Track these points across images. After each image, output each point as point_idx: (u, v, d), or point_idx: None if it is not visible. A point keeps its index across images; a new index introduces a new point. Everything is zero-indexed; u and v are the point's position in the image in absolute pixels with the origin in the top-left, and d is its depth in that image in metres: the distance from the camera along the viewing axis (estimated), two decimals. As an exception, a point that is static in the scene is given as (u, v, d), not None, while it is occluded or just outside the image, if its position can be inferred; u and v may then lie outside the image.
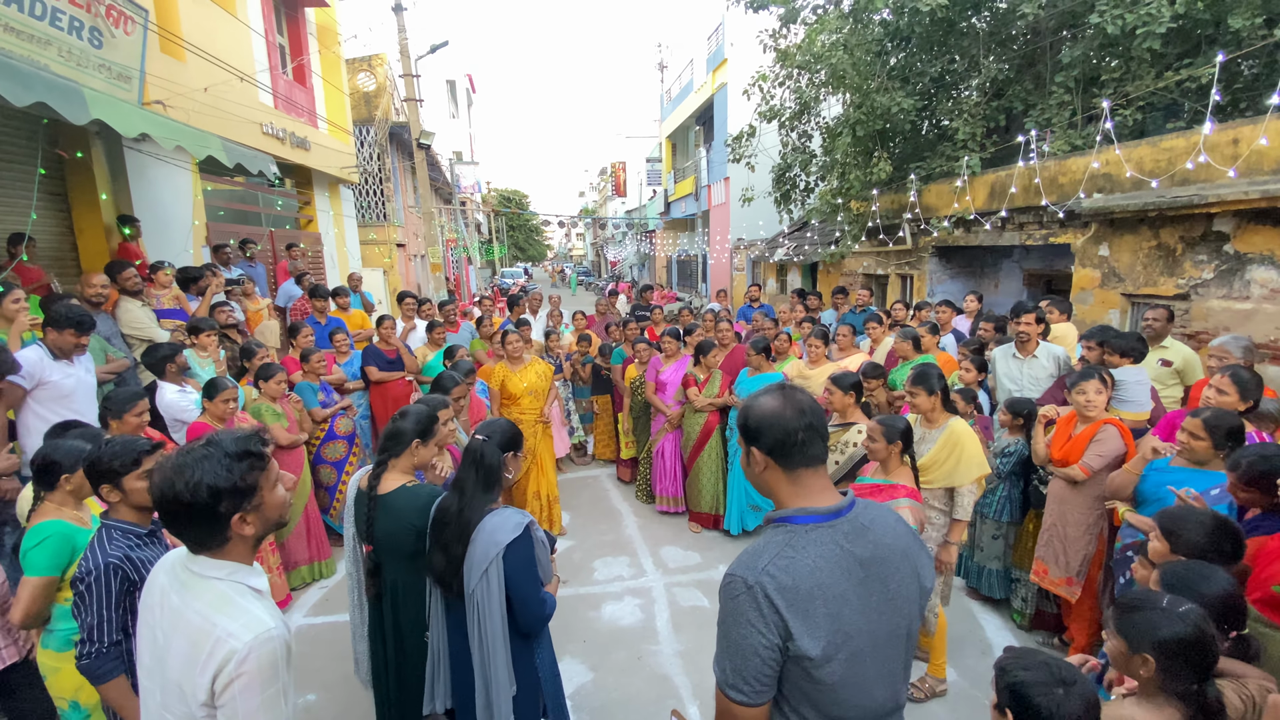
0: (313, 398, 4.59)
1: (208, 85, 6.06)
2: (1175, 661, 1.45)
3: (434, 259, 14.39)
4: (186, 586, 1.37)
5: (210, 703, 1.30)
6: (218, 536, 1.36)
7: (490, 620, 2.01)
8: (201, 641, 1.30)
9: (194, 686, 1.31)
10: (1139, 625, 1.50)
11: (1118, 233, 5.78)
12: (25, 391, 3.25)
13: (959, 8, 7.83)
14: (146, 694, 1.43)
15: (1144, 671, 1.49)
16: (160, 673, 1.38)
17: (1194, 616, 1.47)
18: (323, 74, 10.09)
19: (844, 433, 3.57)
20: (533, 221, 52.04)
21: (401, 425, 2.34)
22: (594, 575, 4.48)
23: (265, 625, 1.32)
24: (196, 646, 1.31)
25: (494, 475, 2.13)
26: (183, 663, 1.32)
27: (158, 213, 5.83)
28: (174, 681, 1.34)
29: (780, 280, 15.54)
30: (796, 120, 9.93)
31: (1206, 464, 2.58)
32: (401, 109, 13.76)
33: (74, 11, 4.40)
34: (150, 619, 1.42)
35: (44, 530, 2.20)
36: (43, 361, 3.31)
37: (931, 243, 8.73)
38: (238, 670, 1.27)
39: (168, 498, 1.30)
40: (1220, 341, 3.58)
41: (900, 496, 2.74)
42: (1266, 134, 4.51)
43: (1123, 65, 6.55)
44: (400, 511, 2.23)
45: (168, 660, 1.36)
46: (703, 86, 19.81)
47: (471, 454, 2.13)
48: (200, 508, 1.31)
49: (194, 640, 1.31)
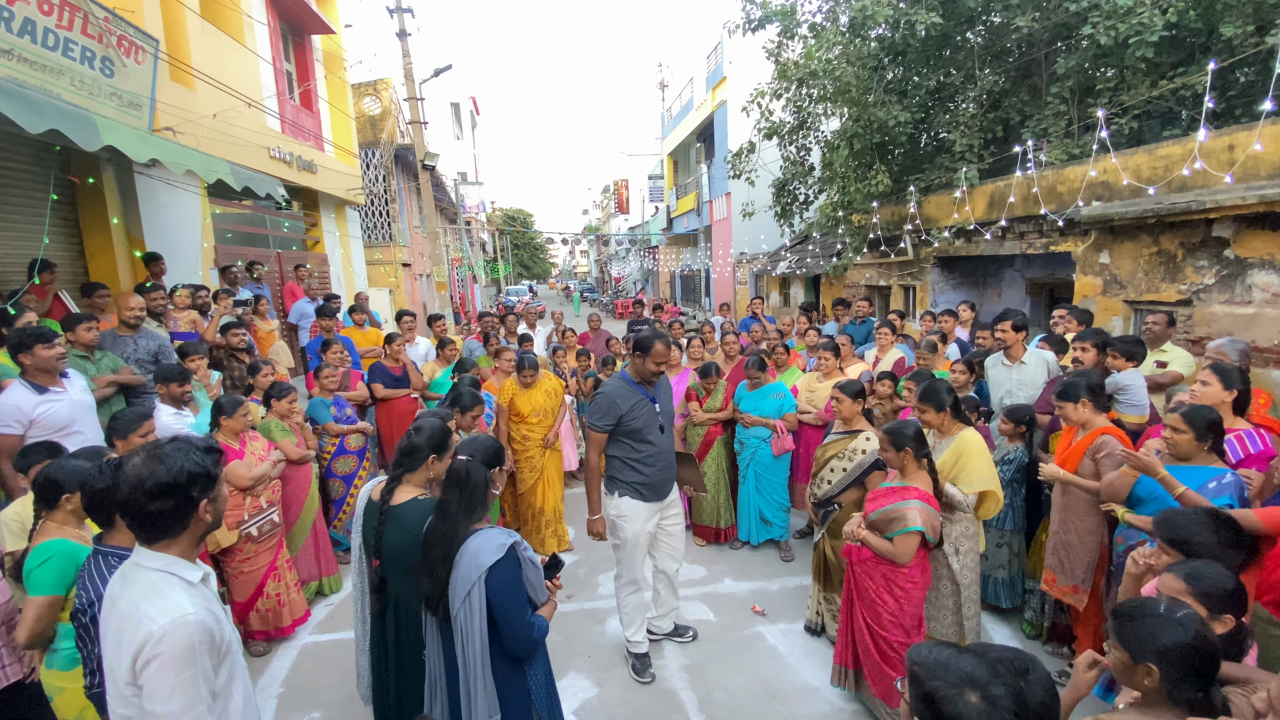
0: (325, 412, 4.64)
1: (217, 112, 6.19)
2: (1179, 669, 1.43)
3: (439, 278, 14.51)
4: (127, 579, 1.49)
5: (133, 681, 1.41)
6: (177, 525, 1.49)
7: (470, 645, 1.97)
8: (127, 625, 1.42)
9: (120, 668, 1.42)
10: (1140, 634, 1.48)
11: (1118, 240, 5.79)
12: (19, 438, 3.08)
13: (954, 23, 7.93)
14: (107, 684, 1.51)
15: (1148, 681, 1.46)
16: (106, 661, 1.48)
17: (1193, 621, 1.45)
18: (329, 99, 10.28)
19: (851, 440, 3.57)
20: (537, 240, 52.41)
21: (417, 441, 2.31)
22: (599, 590, 4.46)
23: (183, 611, 1.41)
24: (123, 630, 1.42)
25: (479, 495, 2.09)
26: (113, 647, 1.44)
27: (168, 236, 5.93)
28: (109, 666, 1.46)
29: (783, 293, 15.57)
30: (795, 135, 10.03)
31: (1192, 458, 2.60)
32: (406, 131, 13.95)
33: (86, 42, 4.53)
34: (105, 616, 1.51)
35: (48, 549, 2.21)
36: (24, 401, 3.12)
37: (933, 253, 8.76)
38: (154, 651, 1.37)
39: (146, 484, 1.42)
40: (1217, 344, 3.63)
41: (911, 499, 2.74)
42: (1261, 139, 4.54)
43: (1117, 75, 6.61)
44: (409, 523, 2.22)
45: (107, 648, 1.47)
46: (703, 104, 20.04)
47: (455, 474, 2.09)
48: (177, 490, 1.44)
49: (122, 625, 1.43)
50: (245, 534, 3.59)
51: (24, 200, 4.85)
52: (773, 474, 4.72)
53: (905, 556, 2.72)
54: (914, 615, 2.84)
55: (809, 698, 3.27)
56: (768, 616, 4.02)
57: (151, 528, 1.47)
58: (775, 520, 4.80)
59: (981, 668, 1.19)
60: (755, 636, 3.83)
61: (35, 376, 3.22)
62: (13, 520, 2.52)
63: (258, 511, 3.65)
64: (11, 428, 3.09)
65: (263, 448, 3.77)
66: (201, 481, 1.49)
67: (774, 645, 3.72)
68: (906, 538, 2.71)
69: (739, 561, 4.79)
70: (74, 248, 5.38)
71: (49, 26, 4.24)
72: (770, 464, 4.69)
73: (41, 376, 3.23)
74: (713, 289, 21.21)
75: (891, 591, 2.82)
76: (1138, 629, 1.49)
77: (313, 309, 6.95)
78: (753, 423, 4.67)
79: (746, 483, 4.83)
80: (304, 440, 4.25)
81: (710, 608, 4.15)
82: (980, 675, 1.17)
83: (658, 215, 29.66)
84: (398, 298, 13.38)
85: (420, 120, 12.64)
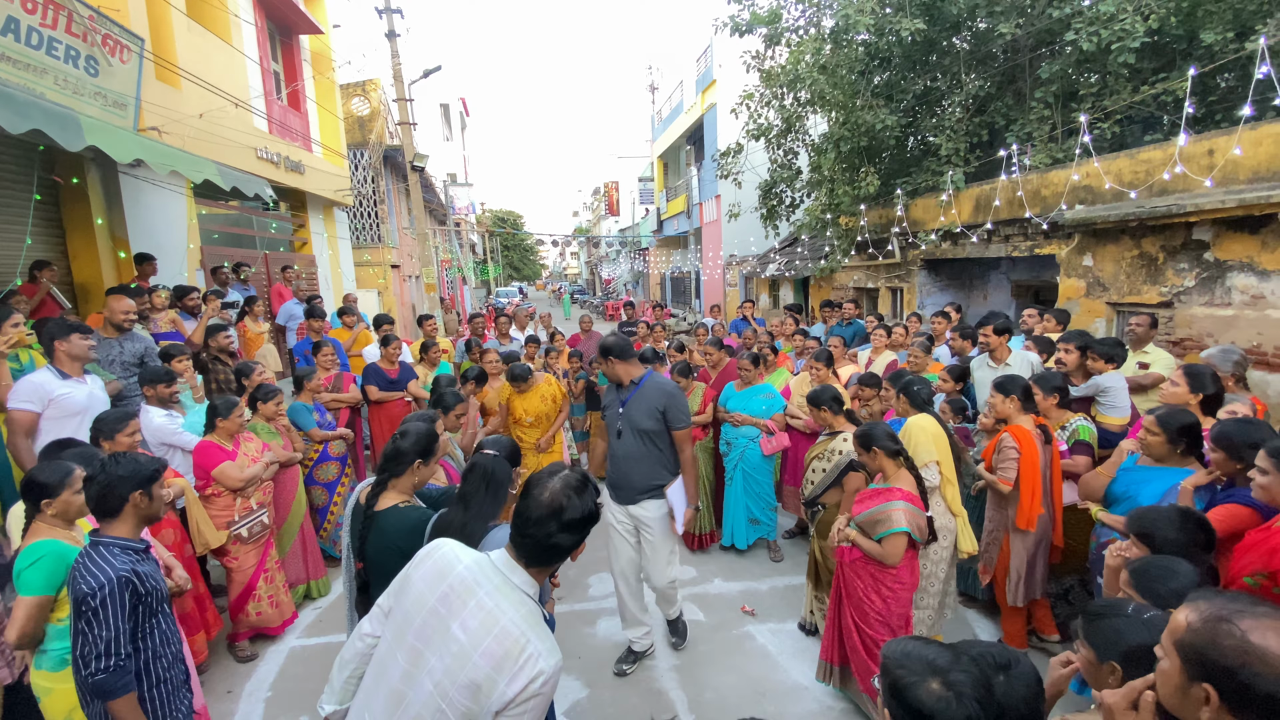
0: (308, 417, 4.60)
1: (203, 111, 6.14)
2: (1143, 670, 1.41)
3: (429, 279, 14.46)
4: (502, 591, 1.44)
5: (503, 710, 1.37)
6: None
7: None
8: (513, 651, 1.37)
9: (495, 690, 1.36)
10: (1106, 634, 1.48)
11: (1101, 243, 5.88)
12: (36, 415, 3.23)
13: (939, 29, 8.02)
14: (406, 679, 1.44)
15: (1113, 681, 1.46)
16: (442, 660, 1.40)
17: (1160, 624, 1.42)
18: (317, 99, 10.22)
19: (830, 441, 3.61)
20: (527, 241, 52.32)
21: (402, 445, 2.30)
22: (589, 591, 4.46)
23: (558, 657, 1.42)
24: (508, 655, 1.37)
25: (502, 491, 2.15)
26: (491, 663, 1.37)
27: (153, 237, 5.88)
28: (470, 679, 1.37)
29: (773, 295, 15.65)
30: (783, 138, 10.09)
31: (1164, 460, 2.66)
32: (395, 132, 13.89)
33: (70, 41, 4.48)
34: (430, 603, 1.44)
35: (39, 550, 2.20)
36: (48, 382, 3.28)
37: (920, 256, 8.84)
38: (539, 690, 1.36)
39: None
40: (1208, 354, 3.55)
41: (895, 499, 2.77)
42: (1241, 144, 4.62)
43: (1100, 80, 6.72)
44: (388, 532, 2.21)
45: (462, 652, 1.39)
46: (693, 107, 20.11)
47: (482, 469, 2.14)
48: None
49: (506, 648, 1.38)
50: (235, 534, 3.57)
51: (7, 200, 4.79)
52: (761, 473, 4.73)
53: (893, 557, 2.75)
54: (901, 615, 2.86)
55: (798, 696, 3.29)
56: (757, 616, 4.04)
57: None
58: (764, 519, 4.81)
59: (945, 657, 1.20)
60: (745, 636, 3.84)
61: (62, 364, 3.38)
62: (24, 517, 2.51)
63: (248, 512, 3.63)
64: (32, 404, 3.22)
65: (256, 448, 3.75)
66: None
67: (764, 645, 3.74)
68: (893, 539, 2.73)
69: (729, 562, 4.81)
70: (58, 248, 5.32)
71: (33, 25, 4.20)
72: (759, 463, 4.71)
73: (69, 365, 3.39)
74: (703, 291, 21.27)
75: (879, 591, 2.84)
76: (1104, 628, 1.49)
77: (301, 310, 6.91)
78: (742, 422, 4.68)
79: (734, 483, 4.82)
80: (290, 443, 4.22)
81: (700, 608, 4.17)
82: (942, 663, 1.18)
83: (648, 217, 29.70)
84: (386, 299, 13.32)
85: (409, 121, 12.59)
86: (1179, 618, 1.21)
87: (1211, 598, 1.20)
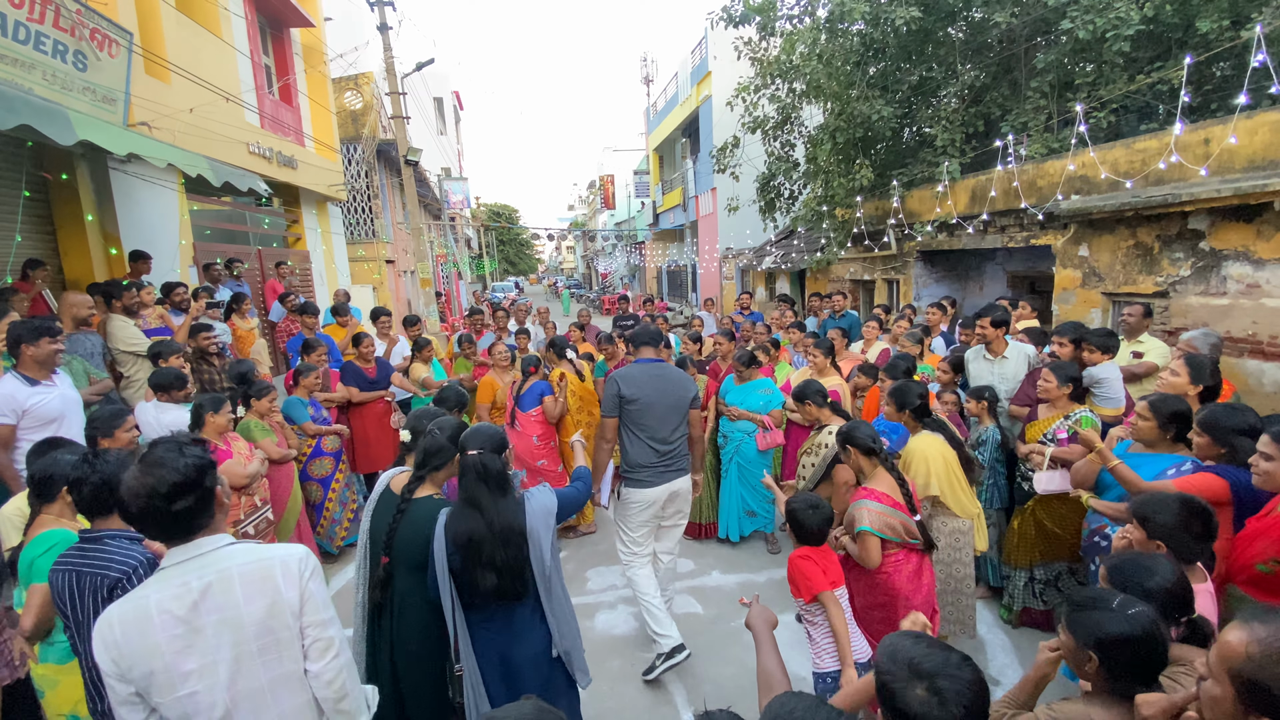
0: (303, 412, 4.58)
1: (193, 106, 6.09)
2: (1117, 661, 1.44)
3: (424, 275, 14.39)
4: (210, 567, 1.49)
5: (300, 610, 1.52)
6: (206, 513, 1.53)
7: (556, 585, 2.28)
8: (269, 573, 1.51)
9: (288, 606, 1.51)
10: (1086, 623, 1.49)
11: (1096, 233, 5.88)
12: (13, 427, 3.14)
13: (934, 18, 7.98)
14: (221, 695, 1.48)
15: (1088, 668, 1.48)
16: (236, 651, 1.48)
17: (1142, 619, 1.44)
18: (309, 93, 10.14)
19: (818, 434, 3.61)
20: (522, 235, 52.14)
21: (443, 440, 2.31)
22: (587, 585, 4.47)
23: (300, 547, 1.60)
24: (267, 580, 1.50)
25: (504, 478, 2.17)
26: (267, 605, 1.50)
27: (144, 233, 5.83)
28: (265, 627, 1.49)
29: (769, 288, 15.64)
30: (779, 130, 10.05)
31: (1155, 445, 2.67)
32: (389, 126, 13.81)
33: (58, 35, 4.43)
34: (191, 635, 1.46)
35: (51, 538, 2.20)
36: (17, 392, 3.17)
37: (916, 247, 8.83)
38: (308, 565, 1.56)
39: (160, 489, 1.43)
40: (1188, 335, 3.71)
41: (862, 498, 2.71)
42: (1236, 133, 4.61)
43: (1095, 70, 6.69)
44: (419, 521, 2.23)
45: (244, 629, 1.48)
46: (688, 99, 20.02)
47: (473, 470, 2.13)
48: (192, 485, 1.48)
49: (261, 581, 1.50)
50: (242, 532, 3.55)
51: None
52: (756, 467, 4.74)
53: (867, 557, 2.68)
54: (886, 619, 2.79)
55: (796, 686, 3.29)
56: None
57: (182, 529, 1.50)
58: (761, 511, 4.82)
59: (934, 659, 1.21)
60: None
61: (29, 369, 3.25)
62: (15, 515, 2.51)
63: (253, 510, 3.61)
64: (6, 417, 3.15)
65: (244, 448, 3.72)
66: (210, 470, 1.54)
67: (761, 637, 3.75)
68: (861, 538, 2.68)
69: (726, 554, 4.82)
70: (48, 245, 5.27)
71: (20, 19, 4.15)
72: (754, 457, 4.71)
73: (36, 370, 3.27)
74: (699, 284, 21.24)
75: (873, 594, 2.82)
76: (1085, 618, 1.50)
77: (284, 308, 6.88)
78: (738, 416, 4.69)
79: (729, 475, 4.83)
80: (284, 439, 4.21)
81: (698, 600, 4.18)
82: (930, 667, 1.20)
83: (644, 211, 29.61)
84: (381, 294, 13.26)
85: (403, 115, 12.52)
86: (1233, 643, 1.13)
87: (1270, 621, 1.11)
